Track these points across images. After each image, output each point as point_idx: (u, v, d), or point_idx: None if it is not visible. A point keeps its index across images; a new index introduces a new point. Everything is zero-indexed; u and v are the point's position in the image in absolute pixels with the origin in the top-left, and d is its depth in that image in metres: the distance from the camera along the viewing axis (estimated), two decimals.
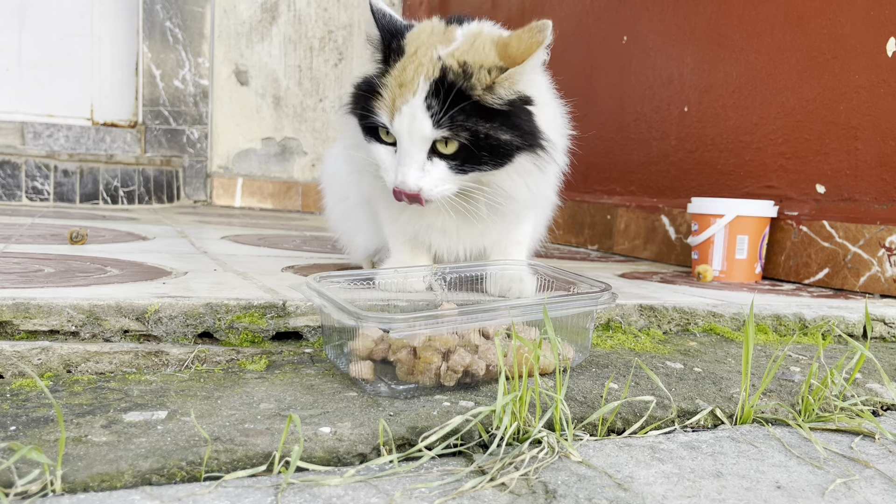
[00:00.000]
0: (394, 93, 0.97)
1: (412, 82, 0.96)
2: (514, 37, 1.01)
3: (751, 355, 0.86)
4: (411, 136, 0.96)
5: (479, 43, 1.01)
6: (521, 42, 0.99)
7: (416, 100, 0.95)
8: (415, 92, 0.95)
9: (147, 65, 3.59)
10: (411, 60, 0.98)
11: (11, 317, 0.92)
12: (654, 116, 2.29)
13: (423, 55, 0.97)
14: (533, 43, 0.98)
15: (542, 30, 0.99)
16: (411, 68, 0.97)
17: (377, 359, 0.87)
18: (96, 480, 0.61)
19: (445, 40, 1.00)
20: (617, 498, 0.66)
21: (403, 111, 0.96)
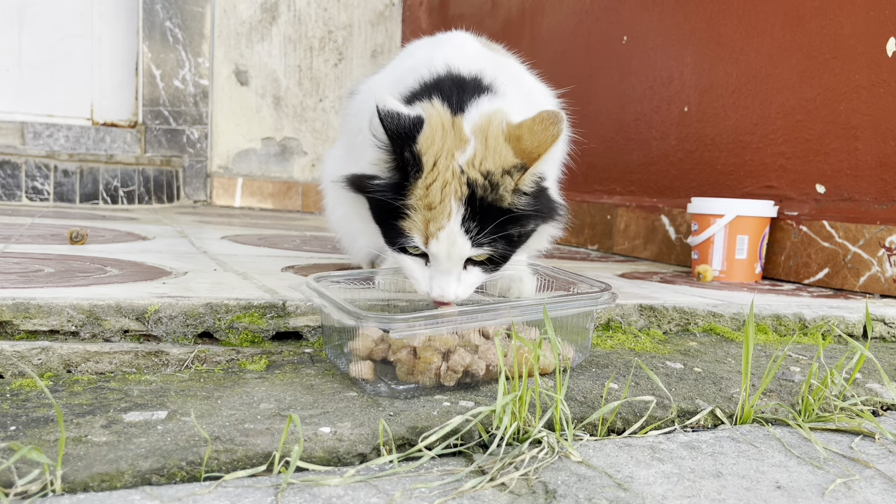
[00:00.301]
0: (425, 216, 0.92)
1: (443, 205, 0.91)
2: (525, 129, 0.96)
3: (751, 355, 0.86)
4: (450, 257, 0.93)
5: (492, 140, 0.96)
6: (534, 136, 0.96)
7: (452, 224, 0.91)
8: (449, 216, 0.91)
9: (147, 65, 3.59)
10: (434, 176, 0.92)
11: (11, 317, 0.92)
12: (654, 116, 2.29)
13: (445, 169, 0.92)
14: (548, 137, 0.95)
15: (555, 122, 0.96)
16: (437, 187, 0.91)
17: (377, 359, 0.87)
18: (96, 480, 0.61)
19: (458, 141, 0.95)
20: (617, 498, 0.66)
21: (440, 237, 0.91)
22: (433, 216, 0.91)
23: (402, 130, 0.92)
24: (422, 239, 0.92)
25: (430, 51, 1.16)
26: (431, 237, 0.92)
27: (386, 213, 0.95)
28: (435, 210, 0.91)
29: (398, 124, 0.92)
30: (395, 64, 1.25)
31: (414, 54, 1.22)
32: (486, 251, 0.94)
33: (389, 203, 0.93)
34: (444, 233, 0.91)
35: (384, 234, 0.97)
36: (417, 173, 0.92)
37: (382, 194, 0.94)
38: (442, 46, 1.16)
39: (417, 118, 0.93)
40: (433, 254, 0.93)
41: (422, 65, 1.08)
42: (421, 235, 0.92)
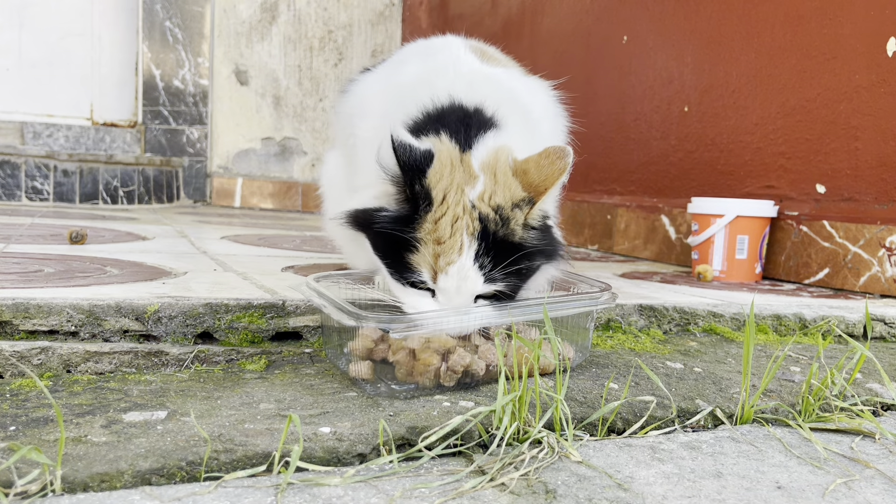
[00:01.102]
0: (434, 250, 0.90)
1: (454, 239, 0.90)
2: (532, 163, 0.97)
3: (751, 355, 0.86)
4: (460, 292, 0.92)
5: (501, 176, 0.96)
6: (541, 170, 0.97)
7: (463, 260, 0.90)
8: (460, 251, 0.90)
9: (147, 65, 3.59)
10: (443, 210, 0.91)
11: (11, 317, 0.92)
12: (654, 116, 2.29)
13: (456, 203, 0.92)
14: (554, 171, 0.96)
15: (562, 157, 0.97)
16: (447, 221, 0.91)
17: (377, 359, 0.87)
18: (96, 480, 0.61)
19: (468, 177, 0.94)
20: (617, 498, 0.65)
21: (451, 272, 0.90)
22: (442, 250, 0.90)
23: (413, 163, 0.91)
24: (430, 274, 0.91)
25: (425, 66, 1.15)
26: (441, 272, 0.90)
27: (392, 246, 0.93)
28: (444, 244, 0.90)
29: (409, 157, 0.91)
30: (389, 70, 1.23)
31: (407, 63, 1.19)
32: (498, 287, 0.92)
33: (397, 236, 0.92)
34: (454, 268, 0.90)
35: (389, 266, 0.95)
36: (428, 206, 0.91)
37: (390, 227, 0.92)
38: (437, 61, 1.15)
39: (428, 152, 0.92)
40: (442, 289, 0.91)
41: (421, 88, 1.07)
42: (429, 270, 0.90)
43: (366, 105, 1.18)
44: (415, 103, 1.04)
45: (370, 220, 0.95)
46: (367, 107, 1.17)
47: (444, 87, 1.05)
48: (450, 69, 1.12)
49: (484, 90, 1.06)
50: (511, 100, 1.08)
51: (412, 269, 0.91)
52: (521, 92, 1.16)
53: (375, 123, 1.14)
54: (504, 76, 1.17)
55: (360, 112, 1.19)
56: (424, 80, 1.10)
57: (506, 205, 0.94)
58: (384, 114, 1.12)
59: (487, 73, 1.14)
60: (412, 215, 0.92)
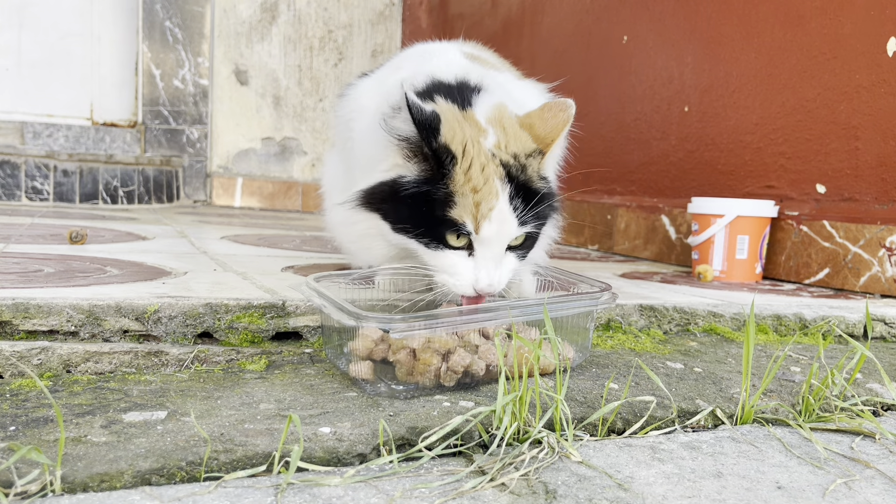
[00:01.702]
0: (473, 199, 0.91)
1: (489, 185, 0.92)
2: (535, 117, 1.01)
3: (751, 355, 0.86)
4: (500, 238, 0.93)
5: (508, 128, 0.98)
6: (545, 122, 1.00)
7: (501, 203, 0.92)
8: (497, 195, 0.92)
9: (147, 64, 3.59)
10: (468, 161, 0.93)
11: (11, 317, 0.92)
12: (654, 116, 2.29)
13: (478, 153, 0.93)
14: (559, 122, 1.00)
15: (564, 108, 1.01)
16: (477, 170, 0.92)
17: (377, 359, 0.87)
18: (96, 480, 0.61)
19: (478, 129, 0.96)
20: (617, 498, 0.65)
21: (493, 217, 0.92)
22: (482, 197, 0.92)
23: (427, 121, 0.92)
24: (473, 224, 0.92)
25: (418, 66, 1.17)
26: (483, 219, 0.92)
27: (421, 211, 0.94)
28: (481, 192, 0.92)
29: (423, 116, 0.92)
30: (386, 73, 1.25)
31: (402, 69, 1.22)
32: (528, 229, 0.95)
33: (427, 198, 0.93)
34: (495, 212, 0.92)
35: (420, 235, 0.95)
36: (453, 160, 0.92)
37: (419, 188, 0.93)
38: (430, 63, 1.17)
39: (434, 112, 0.93)
40: (484, 238, 0.93)
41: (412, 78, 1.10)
42: (472, 220, 0.92)
43: (361, 108, 1.20)
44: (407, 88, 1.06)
45: (392, 190, 0.96)
46: (362, 109, 1.19)
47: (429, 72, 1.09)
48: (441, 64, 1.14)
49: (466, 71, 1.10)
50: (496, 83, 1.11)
51: (455, 224, 0.92)
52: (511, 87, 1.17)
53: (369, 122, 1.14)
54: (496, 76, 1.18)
55: (355, 115, 1.20)
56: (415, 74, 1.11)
57: (520, 153, 0.97)
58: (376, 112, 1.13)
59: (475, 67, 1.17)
60: (439, 172, 0.93)
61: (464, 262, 0.95)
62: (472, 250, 0.94)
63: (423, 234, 0.95)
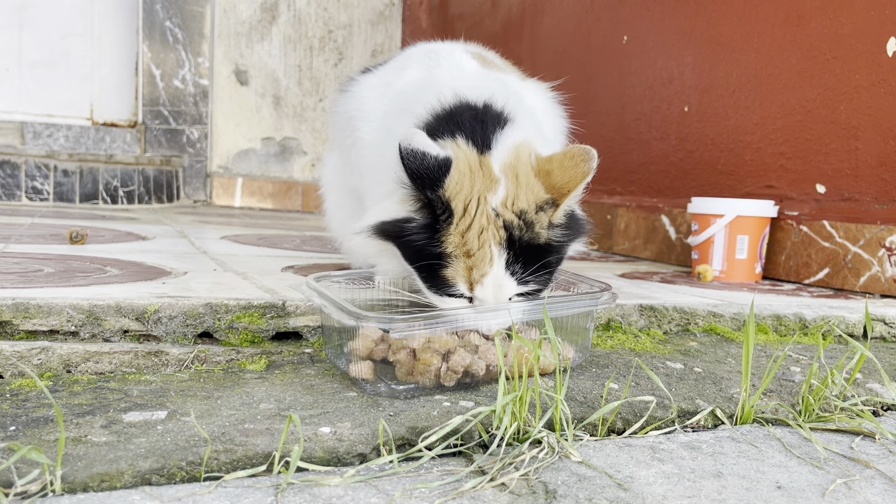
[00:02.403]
0: (466, 263, 0.90)
1: (483, 251, 0.90)
2: (555, 164, 0.96)
3: (751, 355, 0.86)
4: (497, 299, 0.92)
5: (523, 177, 0.95)
6: (564, 171, 0.95)
7: (496, 269, 0.91)
8: (491, 261, 0.90)
9: (147, 64, 3.59)
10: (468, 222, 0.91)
11: (11, 317, 0.92)
12: (654, 116, 2.29)
13: (480, 214, 0.91)
14: (578, 174, 0.95)
15: (587, 160, 0.95)
16: (474, 234, 0.90)
17: (377, 359, 0.87)
18: (96, 480, 0.61)
19: (489, 182, 0.93)
20: (617, 498, 0.65)
21: (486, 283, 0.91)
22: (475, 263, 0.90)
23: (424, 172, 0.89)
24: (466, 286, 0.91)
25: (427, 71, 1.14)
26: (476, 283, 0.90)
27: (424, 258, 0.92)
28: (475, 257, 0.90)
29: (421, 165, 0.88)
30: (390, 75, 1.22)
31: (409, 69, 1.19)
32: (531, 287, 0.93)
33: (428, 249, 0.91)
34: (488, 279, 0.90)
35: (424, 278, 0.94)
36: (449, 219, 0.90)
37: (419, 238, 0.92)
38: (439, 65, 1.14)
39: (446, 160, 0.90)
40: (479, 299, 0.91)
41: (426, 90, 1.06)
42: (465, 282, 0.91)
43: (366, 108, 1.18)
44: (422, 105, 1.03)
45: (399, 231, 0.94)
46: (368, 110, 1.17)
47: (449, 87, 1.04)
48: (453, 72, 1.11)
49: (490, 88, 1.05)
50: (517, 98, 1.08)
51: (449, 284, 0.91)
52: (524, 93, 1.16)
53: (377, 126, 1.14)
54: (506, 78, 1.17)
55: (360, 115, 1.19)
56: (428, 83, 1.09)
57: (529, 209, 0.93)
58: (385, 118, 1.12)
59: (490, 75, 1.15)
60: (434, 225, 0.91)
61: (465, 310, 0.93)
62: (472, 301, 0.93)
63: (426, 279, 0.94)
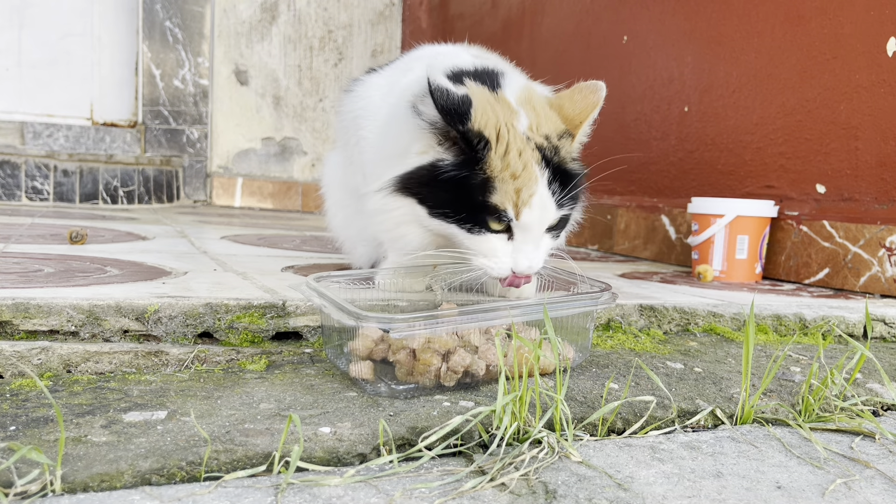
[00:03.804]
0: (514, 185, 0.92)
1: (527, 171, 0.91)
2: (566, 98, 1.01)
3: (751, 355, 0.86)
4: (540, 224, 0.94)
5: (539, 109, 0.98)
6: (575, 104, 1.00)
7: (541, 188, 0.92)
8: (537, 180, 0.92)
9: (147, 64, 3.59)
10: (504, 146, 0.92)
11: (11, 317, 0.92)
12: (654, 116, 2.29)
13: (513, 137, 0.93)
14: (589, 104, 1.01)
15: (595, 91, 1.01)
16: (514, 155, 0.92)
17: (377, 359, 0.87)
18: (96, 480, 0.61)
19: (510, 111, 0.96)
20: (617, 498, 0.65)
21: (534, 203, 0.92)
22: (522, 183, 0.91)
23: (454, 106, 0.91)
24: (513, 210, 0.92)
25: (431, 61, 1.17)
26: (524, 205, 0.92)
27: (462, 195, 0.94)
28: (521, 178, 0.91)
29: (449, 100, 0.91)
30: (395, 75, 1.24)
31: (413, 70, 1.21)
32: (565, 212, 0.96)
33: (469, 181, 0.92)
34: (536, 198, 0.92)
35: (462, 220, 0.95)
36: (487, 145, 0.92)
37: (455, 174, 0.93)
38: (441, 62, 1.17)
39: (466, 95, 0.93)
40: (525, 224, 0.93)
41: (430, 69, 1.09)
42: (512, 206, 0.92)
43: (371, 107, 1.19)
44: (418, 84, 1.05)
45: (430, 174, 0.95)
46: (373, 109, 1.19)
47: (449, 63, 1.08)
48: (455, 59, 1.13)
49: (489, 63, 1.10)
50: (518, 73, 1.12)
51: (496, 211, 0.92)
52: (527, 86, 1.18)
53: (381, 124, 1.15)
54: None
55: (365, 114, 1.20)
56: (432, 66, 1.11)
57: (552, 135, 0.97)
58: (389, 115, 1.13)
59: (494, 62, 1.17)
60: (473, 157, 0.92)
61: (503, 246, 0.95)
62: (512, 233, 0.95)
63: (464, 220, 0.95)
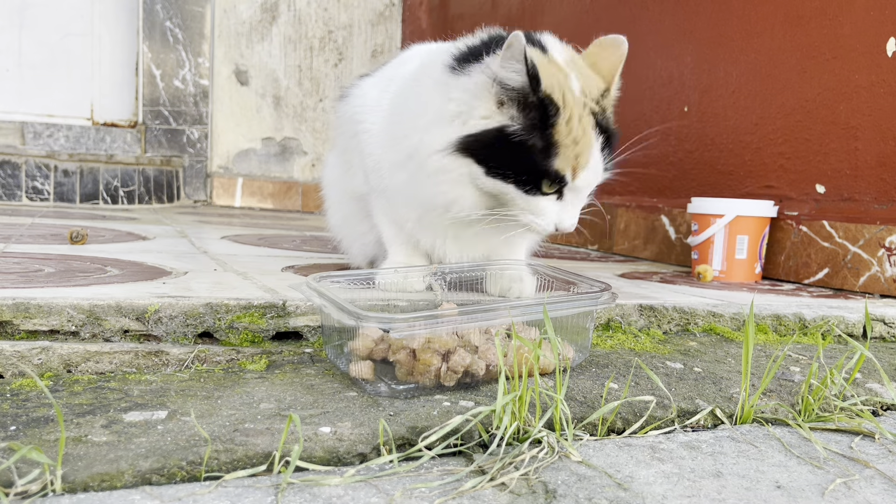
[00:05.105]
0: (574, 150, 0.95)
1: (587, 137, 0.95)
2: (595, 55, 1.04)
3: (751, 355, 0.86)
4: (590, 185, 0.98)
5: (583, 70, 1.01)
6: (605, 59, 1.04)
7: (596, 152, 0.96)
8: (593, 146, 0.96)
9: (147, 65, 3.59)
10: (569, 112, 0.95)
11: (11, 317, 0.92)
12: (654, 116, 2.29)
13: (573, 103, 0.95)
14: (616, 59, 1.04)
15: (619, 44, 1.04)
16: (576, 121, 0.94)
17: (377, 359, 0.87)
18: (96, 480, 0.61)
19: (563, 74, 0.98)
20: (617, 498, 0.66)
21: (590, 167, 0.96)
22: (582, 149, 0.94)
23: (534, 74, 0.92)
24: (571, 174, 0.96)
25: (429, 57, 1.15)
26: (581, 169, 0.95)
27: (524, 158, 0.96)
28: (581, 143, 0.94)
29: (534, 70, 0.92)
30: (391, 71, 1.24)
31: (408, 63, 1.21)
32: (607, 175, 1.00)
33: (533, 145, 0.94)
34: (592, 162, 0.96)
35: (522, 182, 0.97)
36: (557, 111, 0.94)
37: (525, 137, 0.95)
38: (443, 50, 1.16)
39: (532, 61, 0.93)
40: (577, 186, 0.96)
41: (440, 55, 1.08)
42: (571, 170, 0.95)
43: (370, 103, 1.20)
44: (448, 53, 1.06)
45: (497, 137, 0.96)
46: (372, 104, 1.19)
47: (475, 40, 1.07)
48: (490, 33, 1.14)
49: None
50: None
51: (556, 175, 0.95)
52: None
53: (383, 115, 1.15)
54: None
55: (363, 110, 1.20)
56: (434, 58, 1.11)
57: (598, 95, 0.99)
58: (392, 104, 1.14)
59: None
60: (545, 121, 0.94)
61: (552, 206, 1.00)
62: (562, 195, 0.99)
63: (523, 182, 0.97)
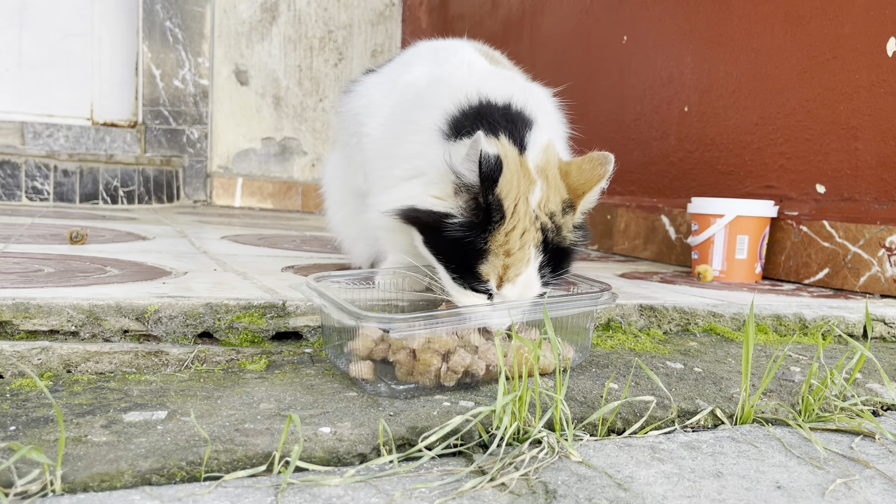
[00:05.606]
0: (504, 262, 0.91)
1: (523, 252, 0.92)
2: (574, 166, 1.00)
3: (751, 355, 0.86)
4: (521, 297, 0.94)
5: (551, 178, 0.98)
6: (582, 174, 1.00)
7: (529, 271, 0.93)
8: (528, 262, 0.92)
9: (147, 65, 3.59)
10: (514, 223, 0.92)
11: (11, 317, 0.92)
12: (654, 116, 2.29)
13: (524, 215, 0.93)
14: (594, 176, 1.00)
15: (604, 163, 1.00)
16: (517, 234, 0.92)
17: (377, 359, 0.87)
18: (96, 480, 0.61)
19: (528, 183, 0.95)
20: (617, 498, 0.66)
21: (518, 282, 0.93)
22: (512, 262, 0.91)
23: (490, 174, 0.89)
24: (496, 283, 0.92)
25: (437, 66, 1.14)
26: (507, 282, 0.92)
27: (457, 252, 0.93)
28: (513, 257, 0.91)
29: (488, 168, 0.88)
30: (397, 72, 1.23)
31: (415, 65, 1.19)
32: (549, 288, 0.96)
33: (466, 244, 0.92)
34: (521, 278, 0.92)
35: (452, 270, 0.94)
36: (501, 220, 0.91)
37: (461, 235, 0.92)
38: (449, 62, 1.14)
39: (499, 160, 0.90)
40: (505, 296, 0.93)
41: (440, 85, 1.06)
42: (496, 279, 0.92)
43: (372, 105, 1.19)
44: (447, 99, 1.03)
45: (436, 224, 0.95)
46: (375, 106, 1.18)
47: (465, 85, 1.05)
48: (464, 69, 1.12)
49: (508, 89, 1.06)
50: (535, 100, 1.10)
51: (478, 277, 0.92)
52: (537, 95, 1.17)
53: (383, 122, 1.14)
54: (517, 78, 1.18)
55: (366, 111, 1.19)
56: (440, 79, 1.09)
57: (557, 211, 0.96)
58: (394, 111, 1.13)
59: (502, 74, 1.15)
60: (485, 225, 0.91)
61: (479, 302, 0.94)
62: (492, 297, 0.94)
63: (453, 270, 0.94)
